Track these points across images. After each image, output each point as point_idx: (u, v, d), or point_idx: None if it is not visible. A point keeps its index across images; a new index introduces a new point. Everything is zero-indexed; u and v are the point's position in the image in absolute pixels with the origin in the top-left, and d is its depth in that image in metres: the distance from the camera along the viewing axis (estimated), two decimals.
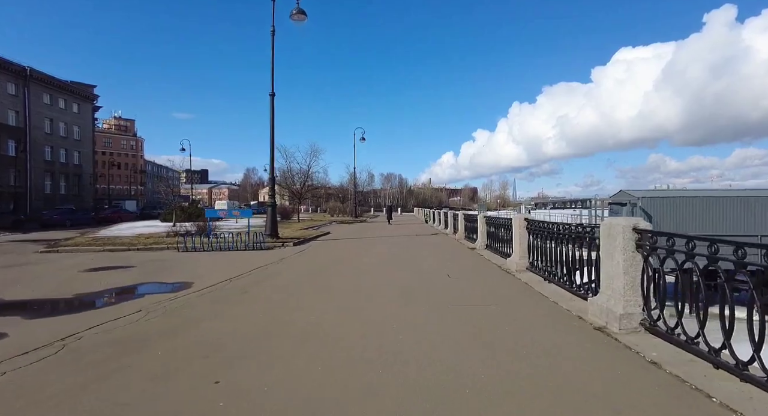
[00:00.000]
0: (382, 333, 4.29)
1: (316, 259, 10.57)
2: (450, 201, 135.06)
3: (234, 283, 7.35)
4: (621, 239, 4.19)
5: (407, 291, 6.23)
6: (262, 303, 5.72)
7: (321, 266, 9.39)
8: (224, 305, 5.59)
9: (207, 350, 3.81)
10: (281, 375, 3.21)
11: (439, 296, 5.95)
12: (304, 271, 8.65)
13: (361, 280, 7.34)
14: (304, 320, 4.80)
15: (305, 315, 5.01)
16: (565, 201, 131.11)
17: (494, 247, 10.97)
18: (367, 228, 26.03)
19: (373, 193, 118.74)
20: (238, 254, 11.96)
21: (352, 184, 51.75)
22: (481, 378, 3.09)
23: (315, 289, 6.56)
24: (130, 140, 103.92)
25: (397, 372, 3.24)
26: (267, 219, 15.19)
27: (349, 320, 4.77)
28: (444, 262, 9.82)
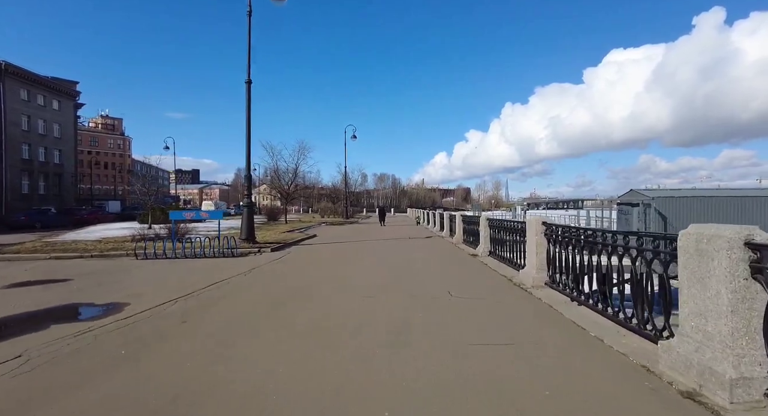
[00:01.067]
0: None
1: (289, 271, 8.99)
2: (443, 201, 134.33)
3: (178, 306, 5.77)
4: (725, 260, 2.70)
5: (401, 326, 4.66)
6: (197, 346, 4.15)
7: (292, 282, 7.83)
8: (140, 350, 4.00)
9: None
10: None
11: (443, 333, 4.41)
12: (270, 290, 7.08)
13: (340, 306, 5.80)
14: (243, 384, 3.24)
15: (246, 373, 3.43)
16: (557, 201, 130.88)
17: (500, 254, 9.49)
18: (357, 230, 24.47)
19: (366, 193, 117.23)
20: (204, 262, 10.36)
21: (344, 184, 50.13)
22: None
23: (274, 324, 4.98)
24: (118, 139, 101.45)
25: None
26: (242, 222, 13.59)
27: (310, 386, 3.21)
28: (444, 274, 8.31)
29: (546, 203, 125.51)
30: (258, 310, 5.42)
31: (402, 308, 5.39)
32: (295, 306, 5.60)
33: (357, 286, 6.99)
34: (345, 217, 41.78)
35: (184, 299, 6.21)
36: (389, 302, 5.70)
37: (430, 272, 8.35)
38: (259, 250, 12.50)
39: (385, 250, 13.00)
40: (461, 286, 6.86)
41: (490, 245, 10.51)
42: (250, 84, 13.74)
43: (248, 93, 13.66)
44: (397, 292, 6.39)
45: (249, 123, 13.56)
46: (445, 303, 5.66)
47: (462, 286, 6.87)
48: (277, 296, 6.24)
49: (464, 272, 8.50)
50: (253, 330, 4.52)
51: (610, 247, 4.55)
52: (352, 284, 7.19)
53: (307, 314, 5.19)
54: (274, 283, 7.43)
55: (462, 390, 2.97)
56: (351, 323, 4.73)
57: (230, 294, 6.47)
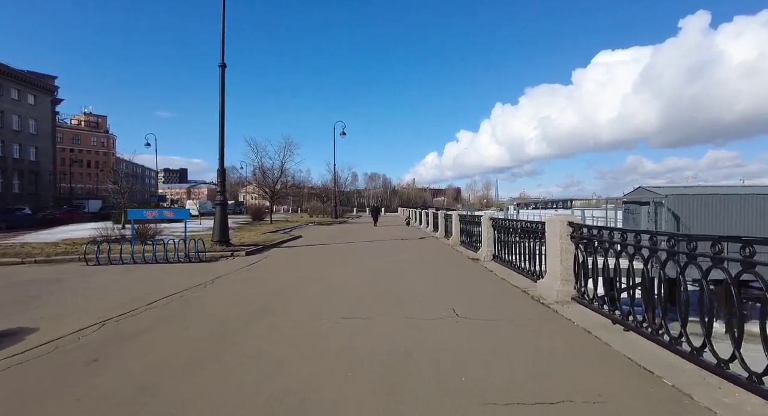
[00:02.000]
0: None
1: (258, 282, 7.58)
2: (434, 201, 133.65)
3: (101, 332, 4.38)
4: None
5: (396, 374, 3.31)
6: (89, 407, 2.78)
7: (257, 298, 6.44)
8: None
9: None
10: None
11: (455, 384, 3.07)
12: (227, 310, 5.69)
13: (312, 337, 4.44)
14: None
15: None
16: (547, 201, 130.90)
17: (507, 259, 8.21)
18: (345, 231, 23.08)
19: (357, 193, 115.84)
20: (165, 268, 8.93)
21: (333, 183, 48.68)
22: None
23: (212, 374, 3.63)
24: (101, 137, 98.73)
25: None
26: (214, 222, 12.14)
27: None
28: (445, 285, 6.99)
29: (535, 202, 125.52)
30: (199, 346, 4.02)
31: (396, 340, 4.04)
32: (251, 339, 4.21)
33: (339, 304, 5.64)
34: (334, 217, 40.33)
35: (115, 320, 4.81)
36: (379, 331, 4.35)
37: (428, 283, 7.03)
38: (232, 254, 11.08)
39: (374, 254, 11.65)
40: (468, 302, 5.54)
41: (495, 248, 9.23)
42: (224, 68, 12.31)
43: (222, 78, 12.22)
44: (390, 313, 5.05)
45: (223, 111, 12.13)
46: (452, 330, 4.33)
47: (469, 302, 5.55)
48: (234, 320, 4.85)
49: (468, 281, 7.19)
50: (179, 385, 3.14)
51: (683, 256, 3.27)
52: (332, 301, 5.83)
53: (267, 350, 3.83)
54: (234, 299, 6.02)
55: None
56: (324, 371, 3.36)
57: (173, 316, 5.06)
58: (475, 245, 11.12)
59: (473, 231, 11.42)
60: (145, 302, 5.69)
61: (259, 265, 9.38)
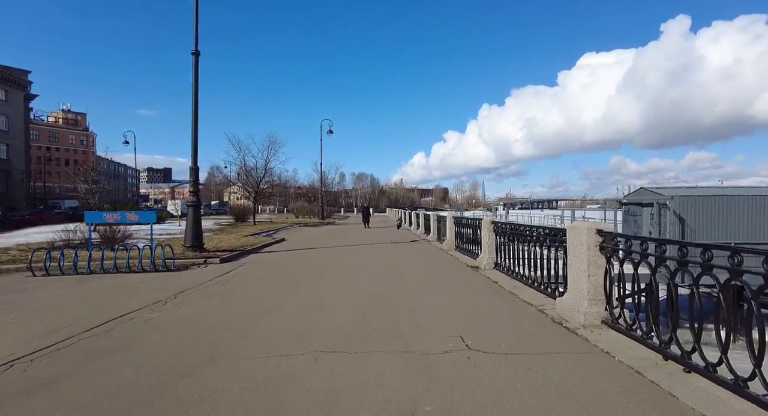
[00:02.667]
0: None
1: (227, 298, 6.49)
2: (422, 201, 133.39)
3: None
4: None
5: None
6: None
7: (225, 319, 5.40)
8: None
9: None
10: None
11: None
12: (182, 341, 4.65)
13: (284, 379, 3.44)
14: None
15: None
16: (532, 201, 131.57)
17: (512, 269, 7.30)
18: (332, 233, 22.02)
19: (345, 193, 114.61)
20: (124, 280, 7.80)
21: (320, 182, 47.51)
22: None
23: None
24: (80, 135, 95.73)
25: None
26: (186, 225, 11.00)
27: None
28: (447, 302, 6.03)
29: (521, 203, 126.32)
30: (127, 401, 2.99)
31: (394, 388, 3.06)
32: (200, 390, 3.20)
33: (320, 330, 4.63)
34: (321, 218, 39.11)
35: (30, 359, 3.74)
36: (371, 374, 3.36)
37: (427, 298, 6.05)
38: (205, 261, 9.97)
39: (362, 260, 10.65)
40: (478, 326, 4.59)
41: (497, 255, 8.31)
42: (198, 56, 11.17)
43: (195, 67, 11.09)
44: (384, 343, 4.07)
45: (196, 103, 10.98)
46: (465, 371, 3.36)
47: (479, 326, 4.59)
48: (186, 357, 3.81)
49: (472, 296, 6.24)
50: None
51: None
52: (312, 325, 4.82)
53: (218, 411, 2.82)
54: (191, 325, 4.96)
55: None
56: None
57: (107, 353, 3.99)
58: (473, 250, 10.21)
59: (471, 236, 10.51)
60: (82, 329, 4.61)
61: (233, 275, 8.30)
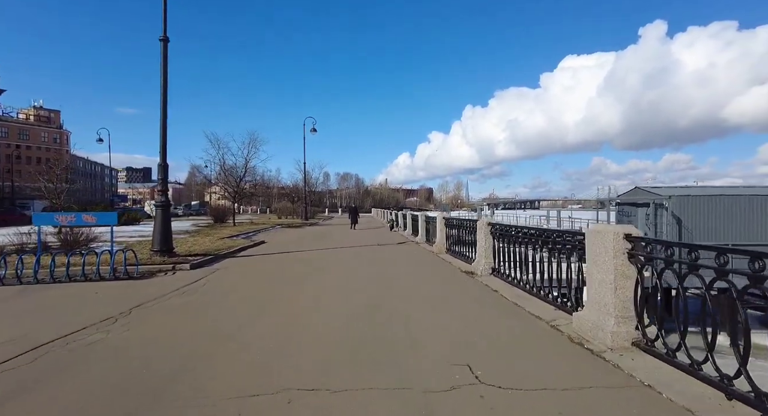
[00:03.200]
0: None
1: (193, 315, 5.58)
2: (407, 201, 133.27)
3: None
4: None
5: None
6: None
7: (184, 342, 4.56)
8: None
9: None
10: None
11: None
12: (125, 376, 3.80)
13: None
14: None
15: None
16: (515, 202, 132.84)
17: (513, 276, 6.62)
18: (316, 235, 21.12)
19: (329, 193, 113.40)
20: (74, 290, 6.85)
21: (308, 183, 46.38)
22: None
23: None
24: (53, 133, 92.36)
25: None
26: (154, 227, 10.02)
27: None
28: (447, 316, 5.30)
29: (504, 203, 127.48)
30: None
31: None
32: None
33: (297, 355, 3.84)
34: (304, 218, 38.05)
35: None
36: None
37: (423, 314, 5.29)
38: (174, 267, 9.04)
39: (348, 266, 9.85)
40: (486, 349, 3.85)
41: (495, 260, 7.63)
42: (167, 43, 10.22)
43: (164, 54, 10.12)
44: (373, 376, 3.30)
45: (165, 93, 10.03)
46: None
47: (487, 349, 3.86)
48: (121, 403, 2.99)
49: (473, 310, 5.51)
50: None
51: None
52: (286, 350, 4.02)
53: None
54: (141, 351, 4.11)
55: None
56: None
57: (19, 397, 3.14)
58: (465, 254, 9.52)
59: (463, 238, 9.83)
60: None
61: (202, 284, 7.41)
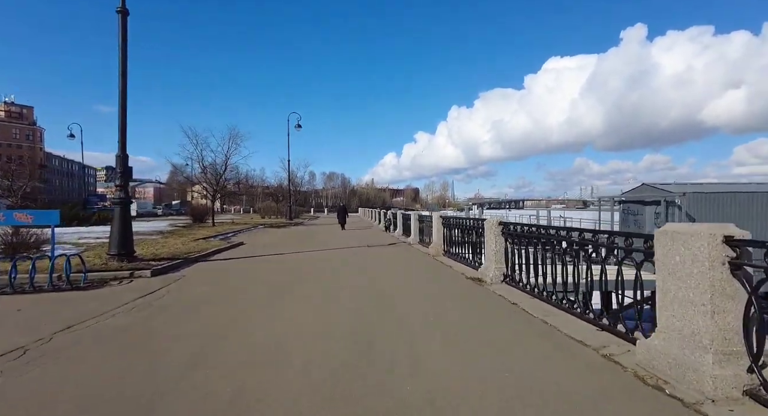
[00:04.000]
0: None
1: (133, 343, 4.35)
2: (393, 201, 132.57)
3: None
4: None
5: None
6: None
7: (108, 391, 3.33)
8: None
9: None
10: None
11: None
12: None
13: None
14: None
15: None
16: (500, 202, 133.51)
17: (533, 284, 5.53)
18: (300, 235, 19.82)
19: (315, 193, 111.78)
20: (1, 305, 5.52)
21: (293, 182, 44.89)
22: None
23: None
24: (26, 130, 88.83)
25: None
26: (112, 228, 8.65)
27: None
28: (463, 344, 4.18)
29: (489, 203, 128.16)
30: None
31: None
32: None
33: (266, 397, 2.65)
34: (288, 218, 36.56)
35: None
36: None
37: (433, 341, 4.17)
38: (132, 274, 7.72)
39: (336, 273, 8.65)
40: (533, 402, 2.74)
41: (507, 266, 6.53)
42: (126, 15, 8.86)
43: (122, 28, 8.76)
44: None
45: (124, 73, 8.66)
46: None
47: (534, 402, 2.75)
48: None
49: (495, 333, 4.39)
50: None
51: None
52: (250, 404, 2.84)
53: None
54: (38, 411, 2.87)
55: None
56: None
57: None
58: (467, 257, 8.43)
59: (466, 240, 8.72)
60: None
61: (159, 296, 6.13)
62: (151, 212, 52.74)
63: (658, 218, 12.38)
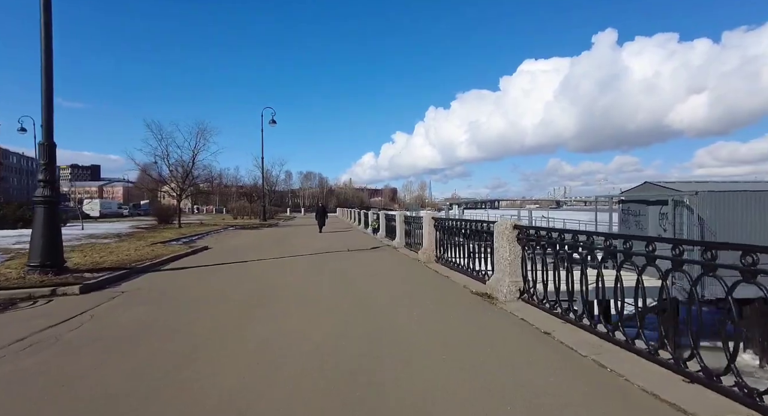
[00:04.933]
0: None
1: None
2: (371, 201, 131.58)
3: None
4: None
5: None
6: None
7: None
8: None
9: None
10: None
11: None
12: None
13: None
14: None
15: None
16: (477, 202, 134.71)
17: (570, 310, 4.30)
18: (274, 238, 18.24)
19: (291, 193, 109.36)
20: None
21: (263, 180, 43.00)
22: None
23: None
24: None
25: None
26: (33, 233, 6.99)
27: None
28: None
29: (466, 203, 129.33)
30: None
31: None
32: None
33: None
34: (262, 218, 34.68)
35: None
36: None
37: (449, 395, 2.89)
38: (54, 291, 6.13)
39: (311, 287, 7.25)
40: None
41: (524, 280, 5.28)
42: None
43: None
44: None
45: (48, 45, 7.02)
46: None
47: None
48: None
49: (526, 377, 3.15)
50: None
51: None
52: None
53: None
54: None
55: None
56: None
57: None
58: (470, 267, 7.17)
59: (467, 245, 7.47)
60: None
61: (72, 326, 4.60)
62: (116, 213, 49.61)
63: (664, 219, 11.47)
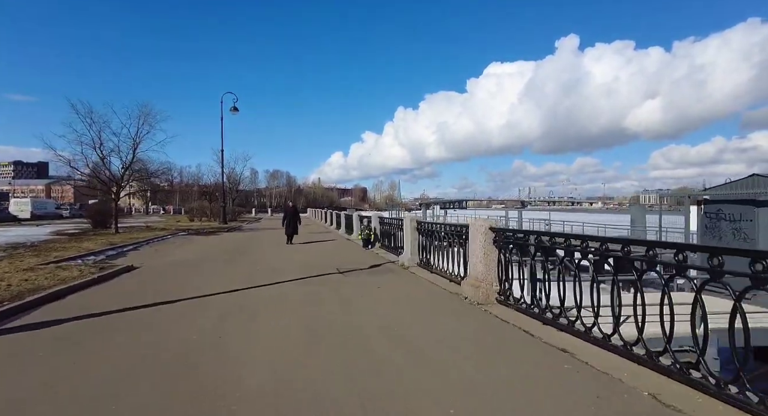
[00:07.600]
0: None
1: None
2: (341, 201, 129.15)
3: None
4: None
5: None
6: None
7: None
8: None
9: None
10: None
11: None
12: None
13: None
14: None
15: None
16: (444, 202, 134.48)
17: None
18: (233, 248, 14.34)
19: (257, 192, 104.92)
20: None
21: (224, 177, 39.36)
22: None
23: None
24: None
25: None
26: None
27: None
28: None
29: (435, 203, 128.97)
30: None
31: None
32: None
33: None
34: (223, 220, 31.03)
35: None
36: None
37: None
38: None
39: (294, 380, 3.27)
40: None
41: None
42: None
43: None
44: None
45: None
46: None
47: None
48: None
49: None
50: None
51: None
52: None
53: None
54: None
55: None
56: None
57: None
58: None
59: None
60: None
61: None
62: (53, 214, 43.99)
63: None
